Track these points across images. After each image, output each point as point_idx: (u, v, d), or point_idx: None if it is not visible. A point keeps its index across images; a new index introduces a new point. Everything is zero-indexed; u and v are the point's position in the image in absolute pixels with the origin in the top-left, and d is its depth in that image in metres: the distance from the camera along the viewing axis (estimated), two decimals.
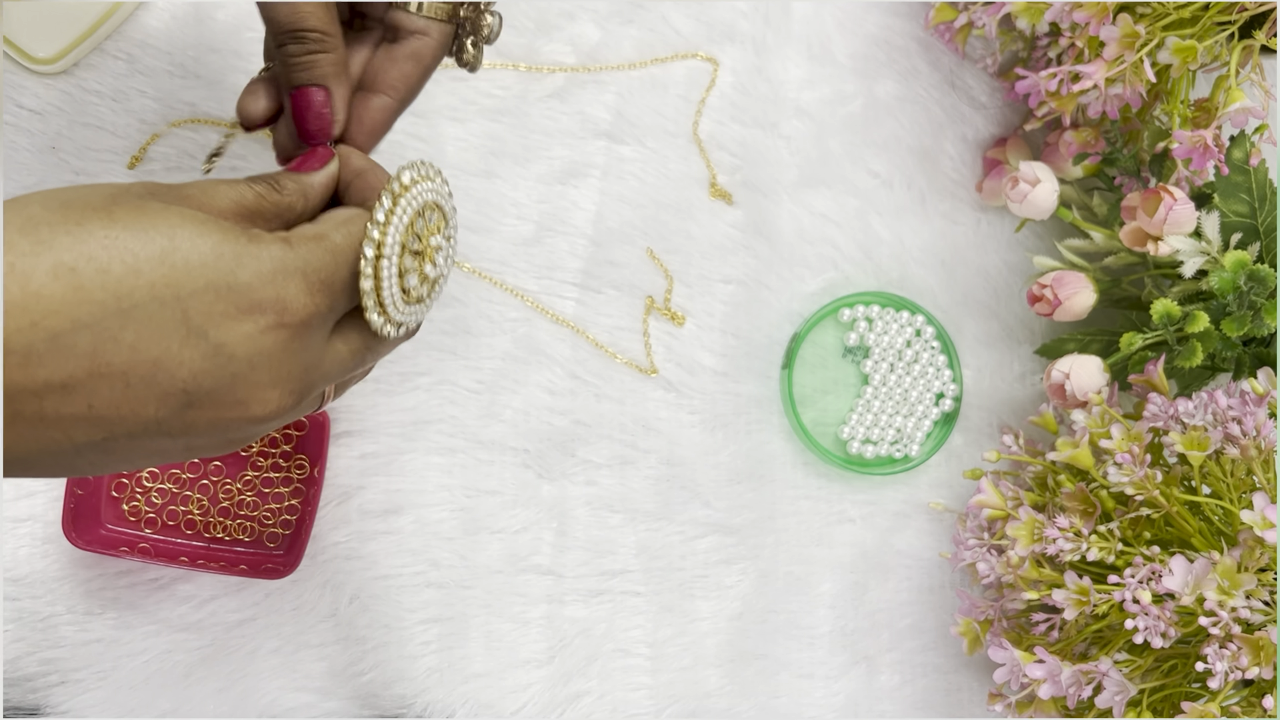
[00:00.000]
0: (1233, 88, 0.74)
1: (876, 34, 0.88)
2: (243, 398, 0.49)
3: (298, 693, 0.80)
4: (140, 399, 0.47)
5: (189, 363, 0.47)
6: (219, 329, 0.47)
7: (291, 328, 0.49)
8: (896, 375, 0.87)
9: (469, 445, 0.82)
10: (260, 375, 0.49)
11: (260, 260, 0.49)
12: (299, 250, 0.50)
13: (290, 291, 0.49)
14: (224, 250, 0.48)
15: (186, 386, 0.47)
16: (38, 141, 0.78)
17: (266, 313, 0.48)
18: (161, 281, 0.46)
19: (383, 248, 0.53)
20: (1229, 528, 0.71)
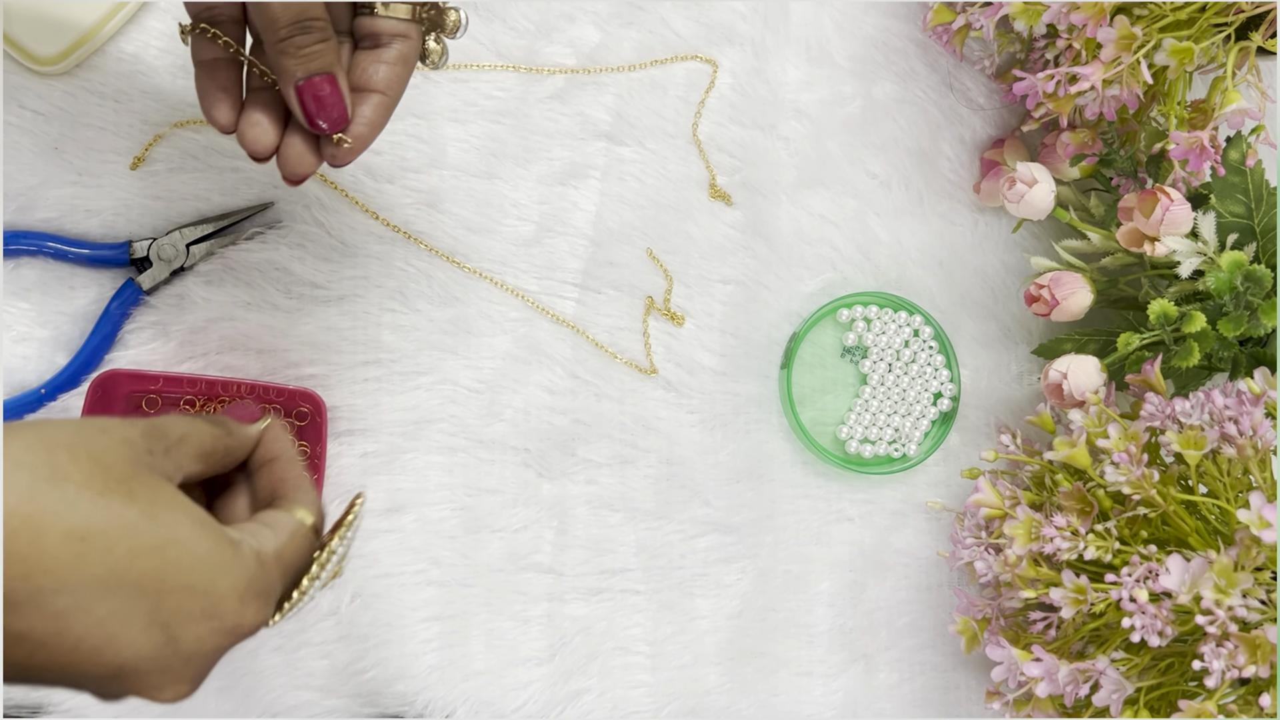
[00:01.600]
0: (1229, 89, 0.74)
1: (875, 36, 0.89)
2: (157, 683, 0.50)
3: (299, 691, 0.80)
4: (77, 663, 0.47)
5: (137, 647, 0.48)
6: (182, 626, 0.49)
7: (234, 635, 0.51)
8: (895, 375, 0.87)
9: (470, 444, 0.82)
10: (186, 670, 0.50)
11: (237, 576, 0.50)
12: (267, 571, 0.52)
13: (250, 612, 0.51)
14: (213, 558, 0.49)
15: (124, 664, 0.48)
16: (40, 142, 0.78)
17: (224, 619, 0.50)
18: (152, 572, 0.47)
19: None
20: (1226, 527, 0.72)
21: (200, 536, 0.49)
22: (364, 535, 0.81)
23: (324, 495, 0.79)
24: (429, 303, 0.82)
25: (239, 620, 0.50)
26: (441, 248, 0.82)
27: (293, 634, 0.80)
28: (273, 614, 0.54)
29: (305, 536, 0.55)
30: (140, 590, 0.47)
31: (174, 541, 0.48)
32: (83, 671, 0.48)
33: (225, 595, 0.50)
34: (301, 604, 0.56)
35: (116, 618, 0.47)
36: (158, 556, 0.47)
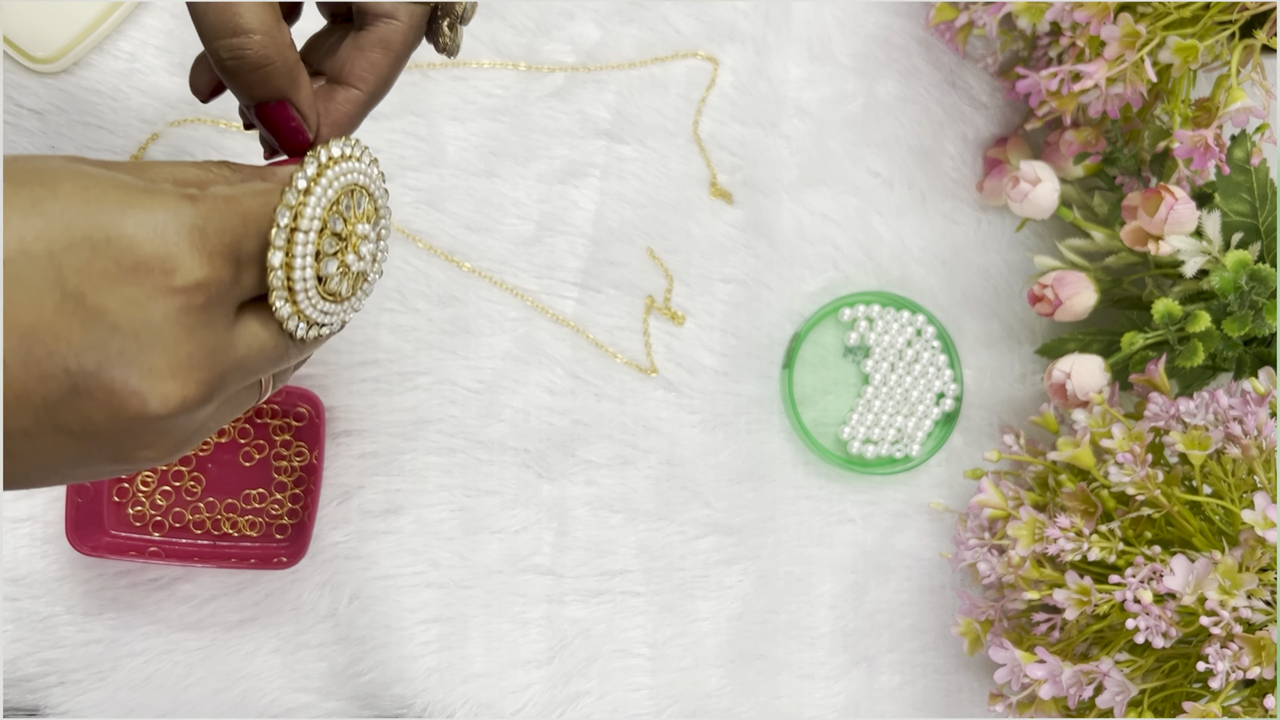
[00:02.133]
0: (1234, 87, 0.74)
1: (877, 33, 0.88)
2: (135, 385, 0.42)
3: (297, 693, 0.80)
4: (18, 380, 0.40)
5: (66, 334, 0.40)
6: (97, 290, 0.41)
7: (185, 295, 0.42)
8: (897, 375, 0.87)
9: (469, 445, 0.82)
10: (153, 356, 0.42)
11: (151, 212, 0.42)
12: (202, 208, 0.43)
13: (183, 251, 0.42)
14: (109, 199, 0.41)
15: (67, 364, 0.41)
16: (37, 141, 0.77)
17: (153, 273, 0.41)
18: (33, 235, 0.40)
19: (300, 218, 0.47)
20: (1230, 527, 0.71)
21: (88, 185, 0.41)
22: (361, 537, 0.80)
23: (321, 498, 0.79)
24: (428, 302, 0.82)
25: (183, 273, 0.42)
26: (440, 247, 0.82)
27: (290, 636, 0.80)
28: (276, 287, 0.46)
29: (282, 189, 0.47)
30: (28, 257, 0.40)
31: (48, 194, 0.41)
32: (43, 402, 0.41)
33: (136, 239, 0.41)
34: (300, 291, 0.47)
35: (18, 301, 0.40)
36: (35, 214, 0.40)
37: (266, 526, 0.80)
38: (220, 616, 0.80)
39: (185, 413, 0.43)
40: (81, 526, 0.76)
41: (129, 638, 0.79)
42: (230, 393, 0.47)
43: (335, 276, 0.49)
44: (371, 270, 0.52)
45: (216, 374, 0.44)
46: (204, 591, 0.80)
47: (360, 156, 0.50)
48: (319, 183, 0.48)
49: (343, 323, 0.52)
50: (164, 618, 0.79)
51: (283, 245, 0.46)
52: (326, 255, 0.48)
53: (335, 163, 0.49)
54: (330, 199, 0.48)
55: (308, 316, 0.48)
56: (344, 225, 0.49)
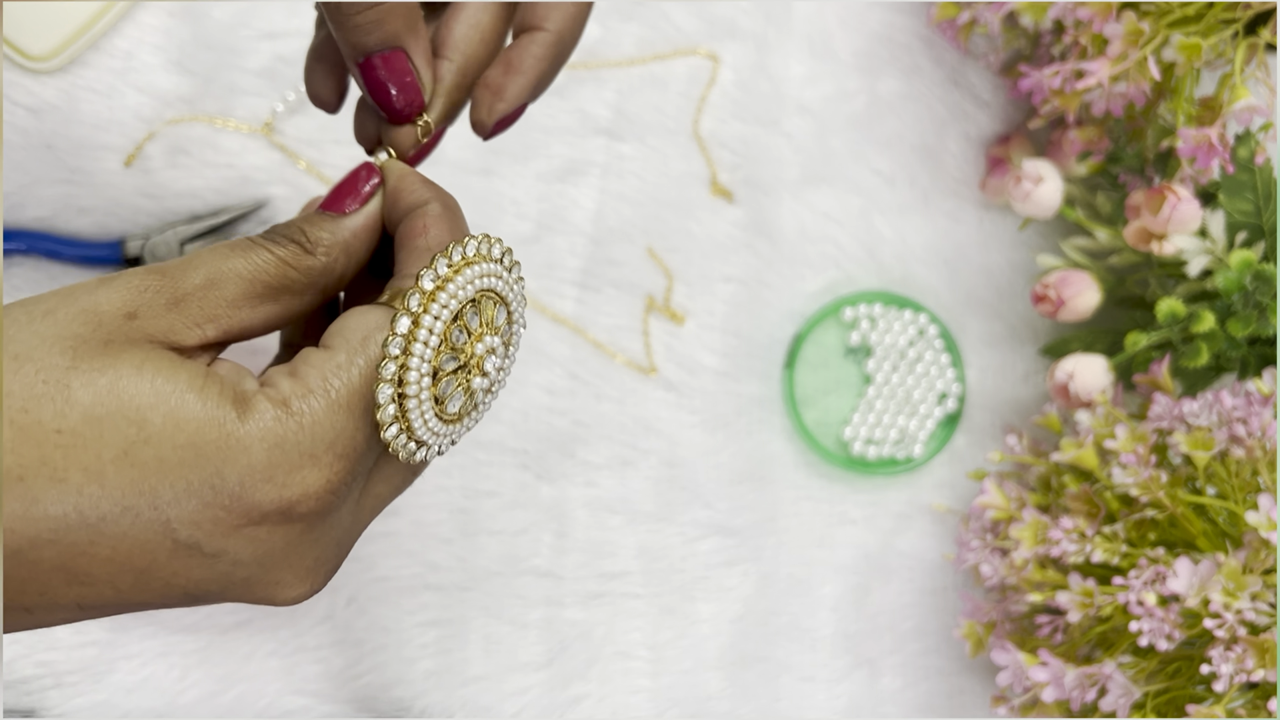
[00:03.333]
0: (1238, 85, 0.74)
1: (879, 31, 0.88)
2: (263, 595, 0.41)
3: (295, 696, 0.80)
4: (136, 598, 0.39)
5: (184, 572, 0.39)
6: (212, 539, 0.39)
7: (306, 519, 0.40)
8: (899, 375, 0.87)
9: (467, 446, 0.82)
10: (279, 574, 0.40)
11: (252, 452, 0.38)
12: (303, 420, 0.39)
13: (295, 485, 0.39)
14: (205, 441, 0.38)
15: (189, 590, 0.39)
16: (33, 140, 0.77)
17: (269, 515, 0.39)
18: (131, 488, 0.37)
19: (406, 384, 0.40)
20: (1234, 529, 0.71)
21: (176, 413, 0.38)
22: (359, 539, 0.80)
23: None
24: None
25: (288, 507, 0.39)
26: None
27: (287, 638, 0.80)
28: (399, 451, 0.41)
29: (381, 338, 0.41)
30: (132, 514, 0.37)
31: (141, 438, 0.37)
32: (162, 604, 0.40)
33: (244, 487, 0.38)
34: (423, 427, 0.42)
35: (128, 553, 0.38)
36: (127, 464, 0.37)
37: None
38: (217, 619, 0.79)
39: (312, 595, 0.43)
40: None
41: (125, 640, 0.78)
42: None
43: (461, 402, 0.43)
44: (500, 379, 0.45)
45: (342, 556, 0.44)
46: None
47: (487, 255, 0.42)
48: (419, 330, 0.40)
49: (465, 432, 0.45)
50: (160, 620, 0.79)
51: (390, 417, 0.41)
52: (446, 397, 0.42)
53: (443, 284, 0.41)
54: (438, 340, 0.41)
55: (433, 446, 0.43)
56: (462, 353, 0.42)
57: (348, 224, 0.44)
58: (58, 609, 0.39)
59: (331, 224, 0.44)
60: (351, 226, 0.44)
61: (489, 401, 0.45)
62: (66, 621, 0.40)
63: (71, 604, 0.39)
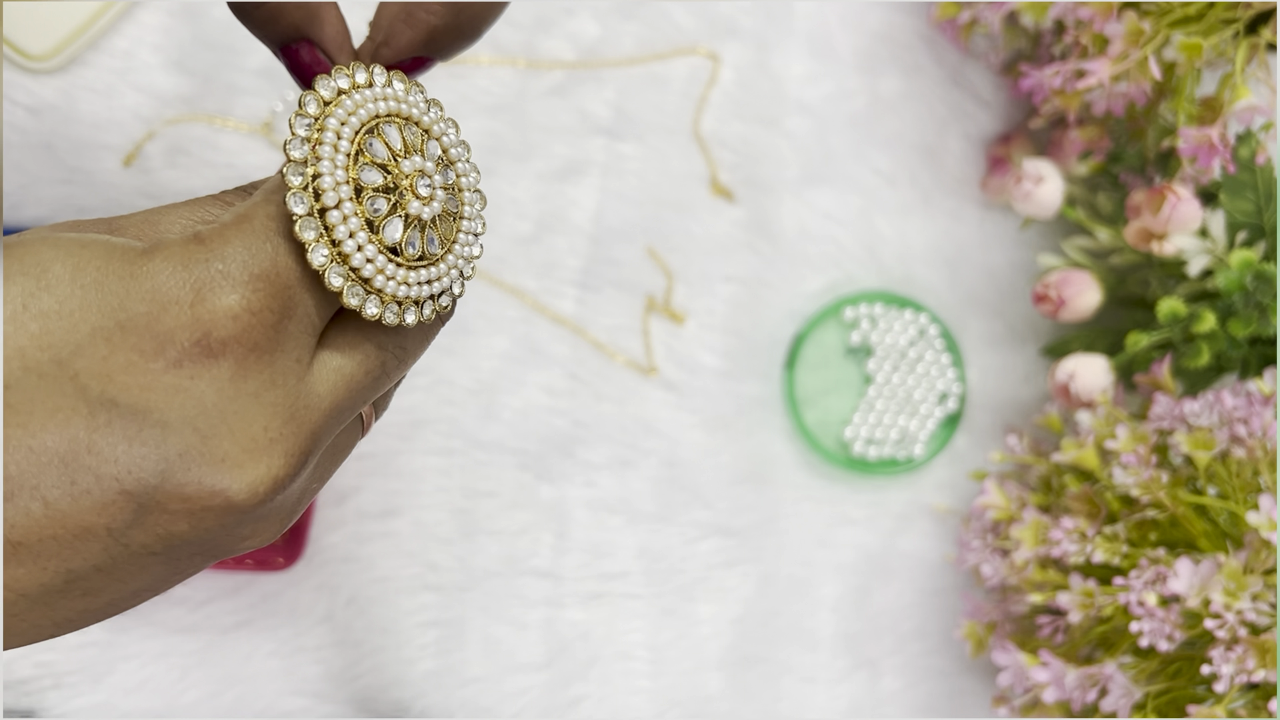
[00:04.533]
0: (1239, 85, 0.74)
1: (879, 30, 0.88)
2: (210, 482, 0.35)
3: (294, 696, 0.80)
4: (71, 517, 0.34)
5: (109, 450, 0.34)
6: (127, 390, 0.34)
7: (232, 357, 0.35)
8: (900, 375, 0.86)
9: (467, 446, 0.82)
10: (221, 444, 0.35)
11: (157, 276, 0.35)
12: (214, 244, 0.36)
13: (209, 305, 0.35)
14: (108, 276, 0.35)
15: (124, 485, 0.34)
16: (32, 139, 0.77)
17: (181, 344, 0.34)
18: (32, 344, 0.34)
19: (321, 194, 0.36)
20: (1235, 530, 0.71)
21: (81, 264, 0.35)
22: (358, 539, 0.80)
23: (316, 502, 0.79)
24: None
25: (217, 328, 0.35)
26: None
27: (287, 639, 0.80)
28: (336, 281, 0.37)
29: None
30: (36, 374, 0.34)
31: (39, 289, 0.34)
32: (108, 533, 0.34)
33: (150, 314, 0.34)
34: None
35: (40, 428, 0.33)
36: (27, 318, 0.34)
37: None
38: (216, 619, 0.79)
39: (278, 491, 0.37)
40: None
41: (124, 640, 0.78)
42: (326, 445, 0.39)
43: (412, 236, 0.38)
44: (464, 206, 0.41)
45: (304, 435, 0.37)
46: (199, 594, 0.79)
47: (369, 83, 0.39)
48: (323, 140, 0.37)
49: (455, 286, 0.41)
50: (159, 620, 0.79)
51: (316, 236, 0.36)
52: (381, 219, 0.38)
53: (335, 104, 0.38)
54: (346, 150, 0.37)
55: (399, 295, 0.38)
56: (386, 175, 0.38)
57: None
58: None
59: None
60: None
61: (464, 244, 0.41)
62: (3, 604, 0.35)
63: (5, 548, 0.34)
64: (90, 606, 0.37)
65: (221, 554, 0.38)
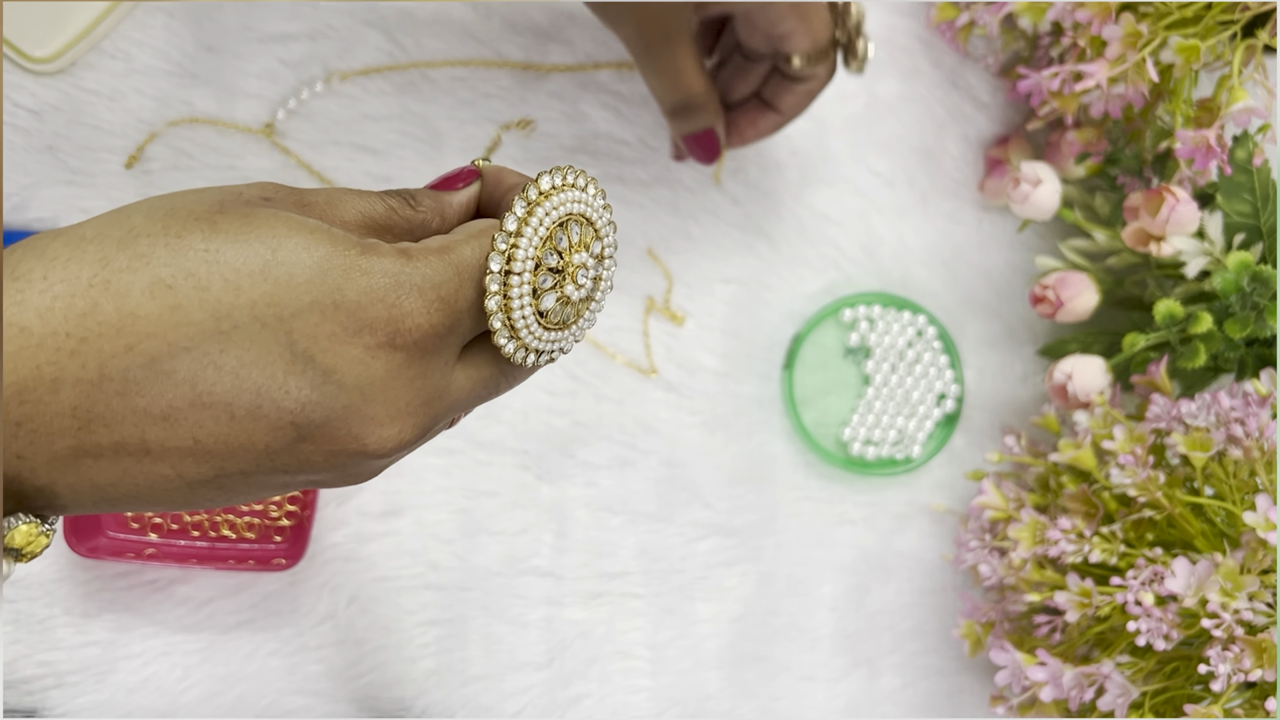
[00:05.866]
0: (1235, 87, 0.74)
1: (878, 32, 0.88)
2: (357, 432, 0.45)
3: (296, 695, 0.80)
4: (247, 432, 0.43)
5: (295, 392, 0.43)
6: (325, 353, 0.43)
7: (406, 350, 0.45)
8: (898, 376, 0.87)
9: (467, 446, 0.82)
10: (375, 408, 0.45)
11: (371, 275, 0.44)
12: (418, 264, 0.45)
13: (404, 309, 0.44)
14: (332, 264, 0.43)
15: (295, 419, 0.43)
16: (35, 141, 0.77)
17: (376, 332, 0.44)
18: (263, 300, 0.42)
19: (513, 261, 0.47)
20: (1232, 529, 0.71)
21: (310, 245, 0.43)
22: (360, 539, 0.80)
23: (320, 500, 0.79)
24: None
25: (405, 332, 0.44)
26: None
27: (289, 638, 0.80)
28: (497, 328, 0.47)
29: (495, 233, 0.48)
30: (260, 323, 0.42)
31: (277, 261, 0.43)
32: (265, 450, 0.44)
33: (360, 303, 0.43)
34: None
35: (251, 364, 0.42)
36: (264, 280, 0.42)
37: (265, 528, 0.80)
38: (218, 619, 0.79)
39: (399, 452, 0.47)
40: (79, 528, 0.76)
41: (127, 640, 0.79)
42: (440, 428, 0.50)
43: (557, 309, 0.49)
44: (596, 293, 0.52)
45: (431, 416, 0.47)
46: (202, 593, 0.79)
47: (574, 184, 0.49)
48: (529, 223, 0.47)
49: (560, 350, 0.51)
50: (162, 620, 0.79)
51: (498, 290, 0.47)
52: (544, 291, 0.48)
53: (545, 197, 0.48)
54: (543, 236, 0.48)
55: (531, 347, 0.49)
56: (560, 259, 0.49)
57: (447, 196, 0.51)
58: (171, 446, 0.42)
59: (434, 194, 0.51)
60: (449, 198, 0.51)
61: (587, 320, 0.51)
62: (163, 482, 0.43)
63: (188, 438, 0.42)
64: (216, 498, 0.45)
65: (326, 484, 0.48)
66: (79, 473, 0.42)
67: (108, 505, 0.44)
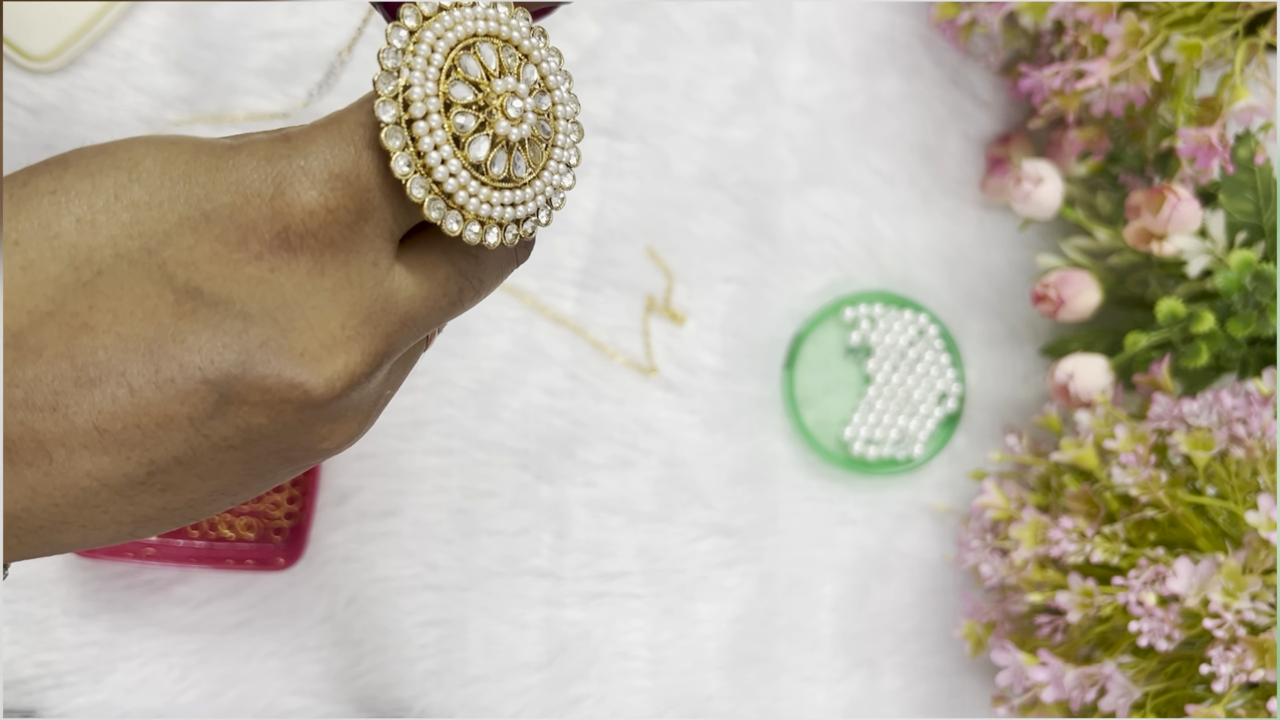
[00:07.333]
0: (1238, 85, 0.74)
1: (879, 30, 0.88)
2: (290, 375, 0.36)
3: (295, 696, 0.80)
4: (155, 403, 0.35)
5: (193, 338, 0.35)
6: (212, 279, 0.35)
7: (310, 251, 0.36)
8: (899, 375, 0.86)
9: (467, 446, 0.82)
10: (299, 338, 0.36)
11: (241, 169, 0.36)
12: (298, 141, 0.37)
13: (288, 199, 0.36)
14: (195, 169, 0.36)
15: (206, 374, 0.35)
16: (32, 140, 0.77)
17: (262, 235, 0.35)
18: (124, 232, 0.35)
19: (410, 105, 0.37)
20: (1234, 529, 0.71)
21: (171, 157, 0.36)
22: (359, 539, 0.80)
23: (319, 500, 0.79)
24: None
25: (282, 224, 0.36)
26: None
27: (287, 638, 0.80)
28: (417, 193, 0.37)
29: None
30: (127, 260, 0.35)
31: (130, 181, 0.35)
32: (190, 423, 0.35)
33: (234, 205, 0.35)
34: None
35: (128, 313, 0.35)
36: (119, 207, 0.35)
37: (263, 528, 0.80)
38: (217, 619, 0.79)
39: (355, 388, 0.37)
40: None
41: (125, 640, 0.78)
42: (400, 353, 0.40)
43: (499, 157, 0.38)
44: (557, 134, 0.40)
45: (381, 336, 0.38)
46: (200, 594, 0.79)
47: (482, 3, 0.39)
48: (417, 52, 0.37)
49: (542, 214, 0.41)
50: (160, 620, 0.79)
51: (402, 144, 0.37)
52: (468, 136, 0.37)
53: (433, 20, 0.38)
54: (439, 65, 0.37)
55: (484, 215, 0.38)
56: (477, 92, 0.38)
57: None
58: (74, 442, 0.35)
59: None
60: None
61: (556, 169, 0.40)
62: (86, 494, 0.36)
63: (88, 427, 0.35)
64: (171, 504, 0.37)
65: (299, 456, 0.38)
66: None
67: (37, 539, 0.37)
